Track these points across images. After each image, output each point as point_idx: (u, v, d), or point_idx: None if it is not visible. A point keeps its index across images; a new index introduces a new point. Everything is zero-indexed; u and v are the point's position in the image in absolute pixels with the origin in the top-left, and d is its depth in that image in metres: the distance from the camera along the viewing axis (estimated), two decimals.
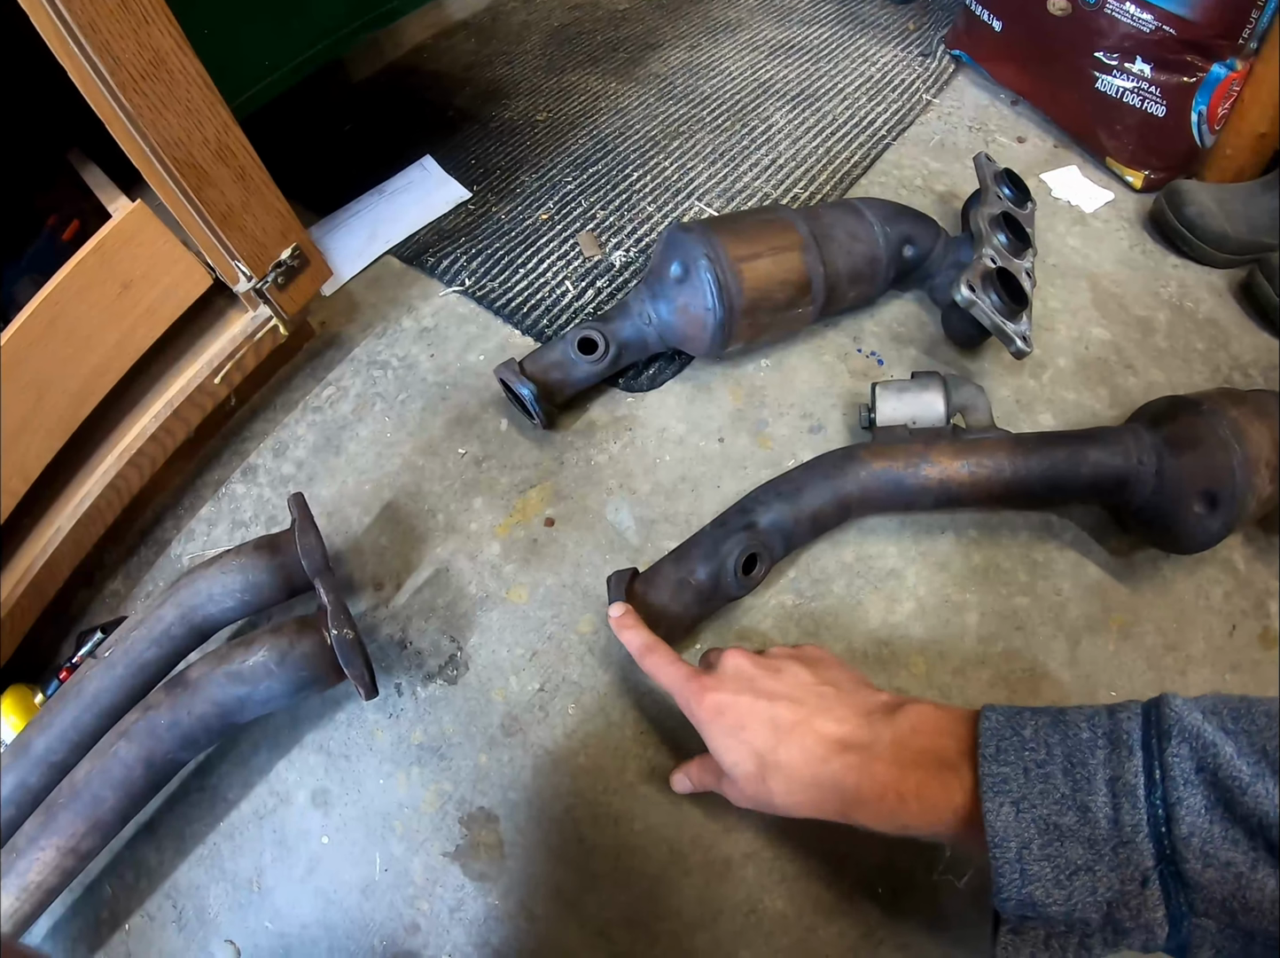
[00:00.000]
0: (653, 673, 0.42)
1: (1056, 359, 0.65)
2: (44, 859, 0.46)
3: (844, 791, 0.32)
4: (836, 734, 0.33)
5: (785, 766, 0.34)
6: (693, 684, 0.38)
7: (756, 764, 0.35)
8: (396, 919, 0.48)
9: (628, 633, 0.44)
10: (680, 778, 0.45)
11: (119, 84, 0.46)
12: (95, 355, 0.54)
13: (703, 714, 0.38)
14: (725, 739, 0.36)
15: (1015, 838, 0.27)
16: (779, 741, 0.34)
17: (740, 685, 0.37)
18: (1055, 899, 0.26)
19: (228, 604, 0.51)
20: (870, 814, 0.32)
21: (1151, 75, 0.71)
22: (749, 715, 0.36)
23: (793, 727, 0.34)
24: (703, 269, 0.54)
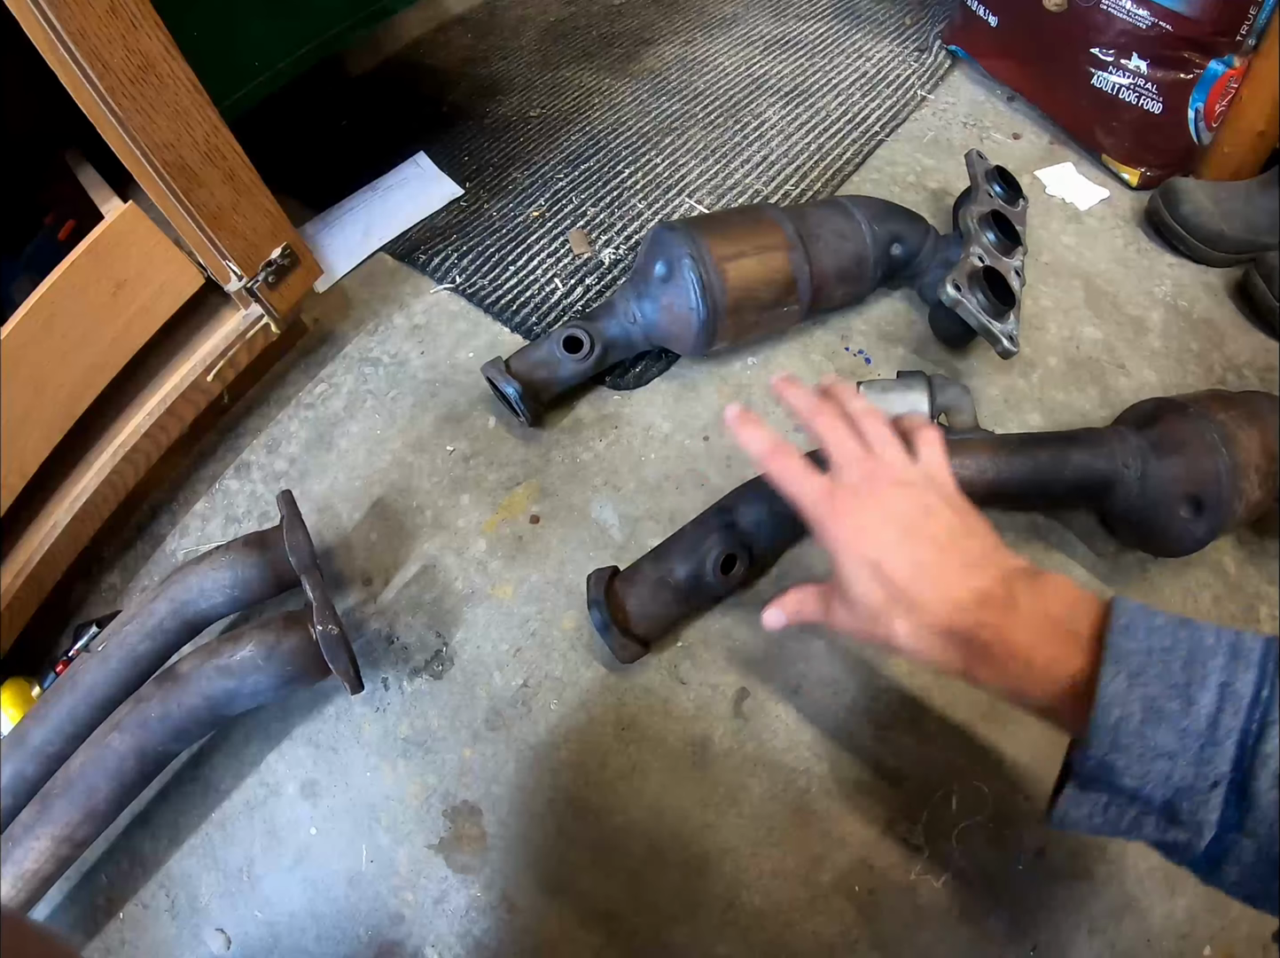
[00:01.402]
0: (781, 479, 0.37)
1: (1047, 358, 0.64)
2: (40, 848, 0.47)
3: (975, 645, 0.31)
4: (979, 587, 0.32)
5: (921, 608, 0.33)
6: (831, 502, 0.35)
7: (887, 599, 0.33)
8: (382, 910, 0.49)
9: (750, 431, 0.38)
10: (773, 612, 0.41)
11: (108, 88, 0.47)
12: (90, 353, 0.55)
13: (839, 535, 0.35)
14: (858, 568, 0.34)
15: (1119, 707, 0.28)
16: (919, 580, 0.33)
17: (885, 514, 0.34)
18: (1132, 773, 0.27)
19: (218, 599, 0.52)
20: (992, 673, 0.31)
21: (1148, 72, 0.71)
22: (891, 548, 0.33)
23: (937, 570, 0.33)
24: (687, 268, 0.54)
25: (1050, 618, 0.31)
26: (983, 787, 0.49)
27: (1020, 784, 0.49)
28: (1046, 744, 0.50)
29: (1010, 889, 0.47)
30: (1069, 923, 0.47)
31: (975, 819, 0.48)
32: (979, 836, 0.48)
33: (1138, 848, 0.48)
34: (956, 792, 0.49)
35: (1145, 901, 0.48)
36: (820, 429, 0.38)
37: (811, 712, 0.51)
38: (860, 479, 0.36)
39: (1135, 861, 0.48)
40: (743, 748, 0.50)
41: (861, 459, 0.36)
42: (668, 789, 0.49)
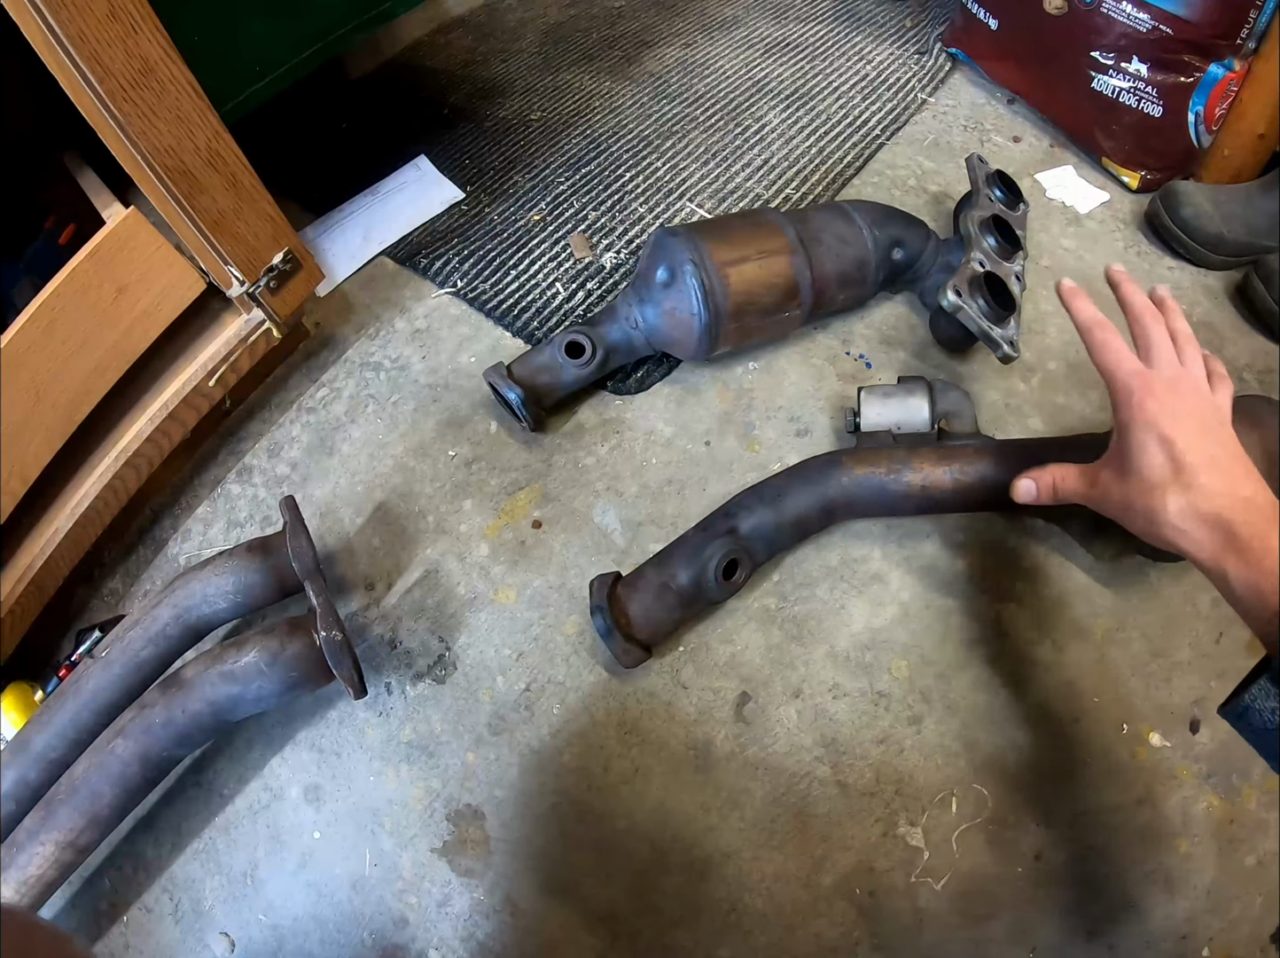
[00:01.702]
0: (1100, 350, 0.41)
1: (1047, 363, 0.65)
2: (43, 854, 0.47)
3: (1235, 538, 0.34)
4: (1251, 493, 0.35)
5: (1198, 489, 0.35)
6: (1144, 379, 0.39)
7: (1167, 477, 0.36)
8: (385, 913, 0.50)
9: (1079, 303, 0.43)
10: (1026, 484, 0.44)
11: (108, 93, 0.47)
12: (92, 358, 0.55)
13: (1141, 408, 0.38)
14: (1151, 441, 0.37)
15: None
16: (1204, 466, 0.36)
17: (1189, 407, 0.38)
18: None
19: (221, 605, 0.52)
20: (1241, 566, 0.34)
21: (1148, 75, 0.71)
22: (1188, 433, 0.37)
23: (1219, 468, 0.36)
24: (688, 274, 0.54)
25: None
26: (983, 790, 0.49)
27: (1019, 788, 0.49)
28: (1047, 749, 0.50)
29: (1010, 892, 0.48)
30: (1069, 926, 0.47)
31: (975, 822, 0.48)
32: (979, 838, 0.48)
33: (1137, 851, 0.48)
34: (957, 795, 0.49)
35: (1145, 903, 0.48)
36: (1147, 326, 0.41)
37: (812, 716, 0.51)
38: (1171, 374, 0.39)
39: (1135, 863, 0.48)
40: (744, 752, 0.50)
41: (1176, 364, 0.40)
42: (670, 793, 0.49)
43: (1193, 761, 0.51)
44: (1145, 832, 0.49)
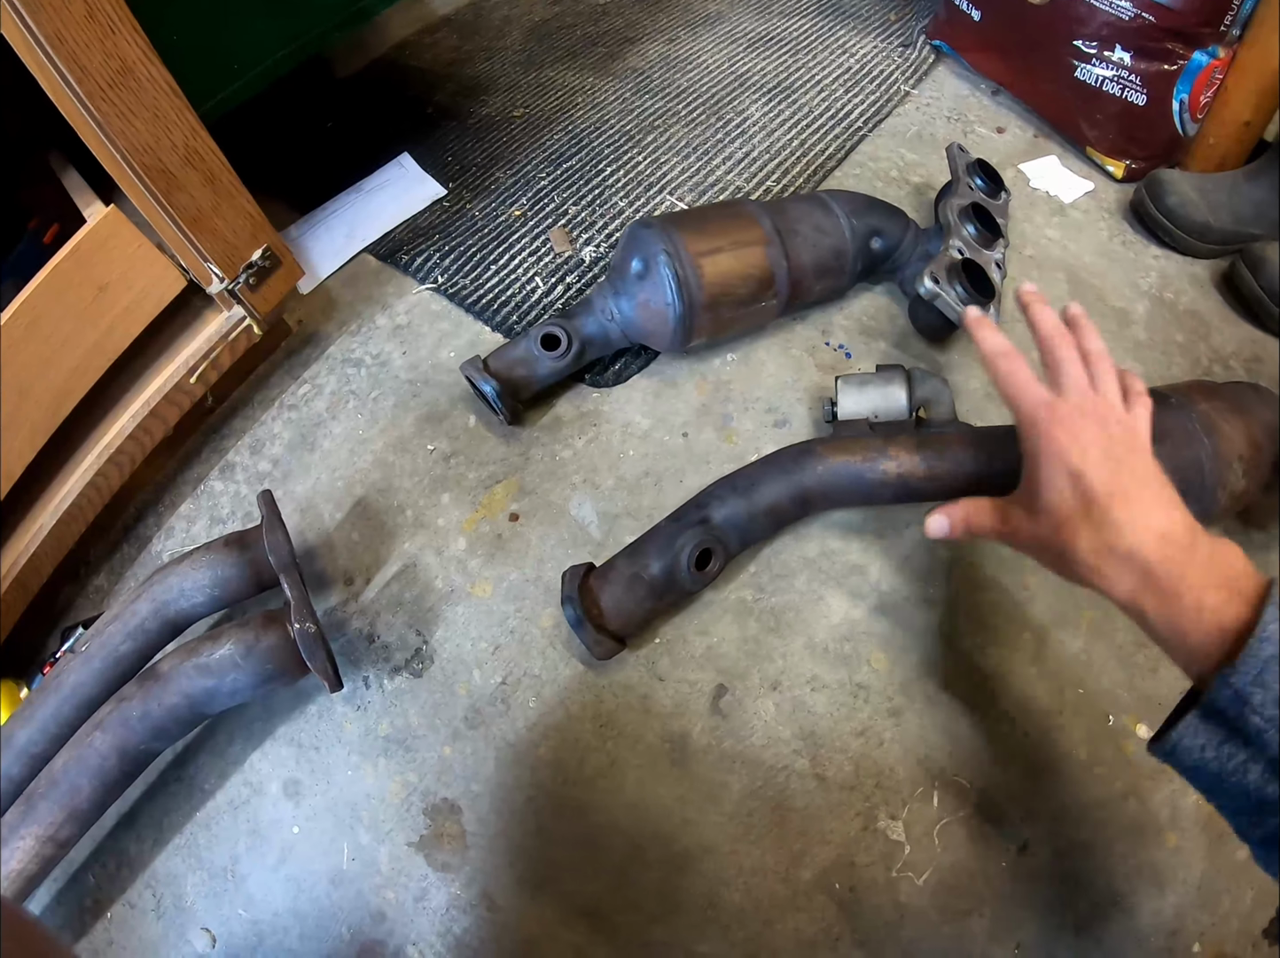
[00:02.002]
0: (1005, 381, 0.39)
1: (1030, 351, 0.63)
2: (24, 848, 0.48)
3: (1151, 576, 0.33)
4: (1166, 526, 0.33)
5: (1110, 526, 0.34)
6: (1050, 410, 0.37)
7: (1080, 509, 0.35)
8: (364, 908, 0.49)
9: (985, 332, 0.41)
10: (938, 520, 0.42)
11: (87, 93, 0.47)
12: (74, 356, 0.56)
13: (1048, 441, 0.36)
14: (1059, 475, 0.36)
15: (1273, 645, 0.29)
16: (1115, 500, 0.34)
17: (1098, 437, 0.36)
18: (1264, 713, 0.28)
19: (198, 599, 0.52)
20: (1159, 605, 0.32)
21: (1131, 63, 0.70)
22: (1096, 465, 0.35)
23: (1131, 500, 0.34)
24: (662, 264, 0.54)
25: (1223, 570, 0.32)
26: (965, 783, 0.49)
27: (1002, 781, 0.49)
28: (1031, 742, 0.49)
29: (993, 887, 0.47)
30: (1054, 921, 0.47)
31: (957, 816, 0.48)
32: (961, 832, 0.48)
33: (1124, 845, 0.48)
34: (938, 788, 0.48)
35: (1132, 898, 0.47)
36: (1055, 349, 0.40)
37: (790, 708, 0.50)
38: (1080, 402, 0.37)
39: (1122, 858, 0.48)
40: (721, 745, 0.50)
41: (1087, 389, 0.38)
42: (647, 786, 0.49)
43: None
44: (1132, 826, 0.48)
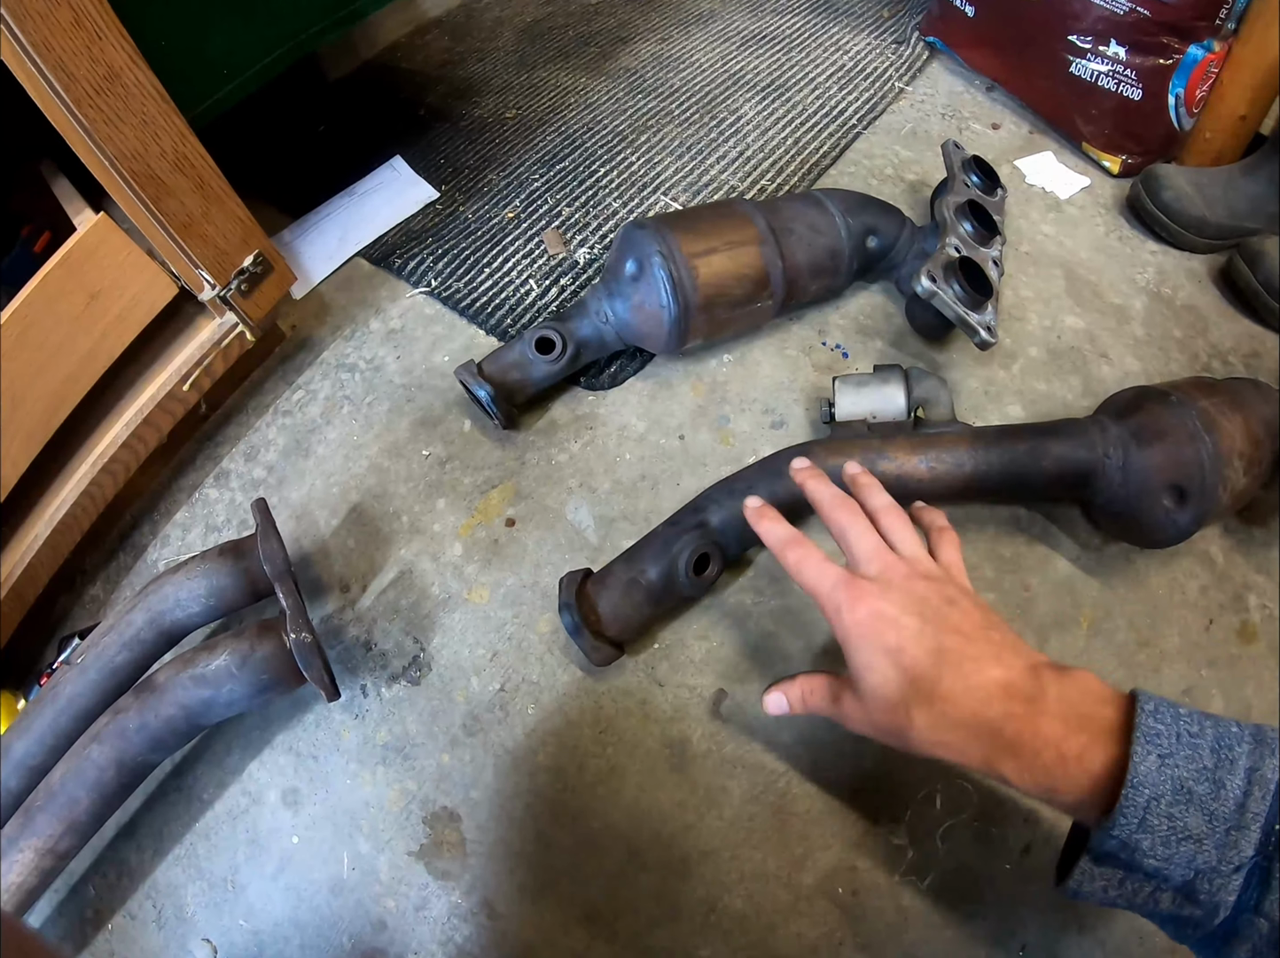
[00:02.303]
0: (797, 570, 0.37)
1: (1028, 349, 0.64)
2: (23, 861, 0.47)
3: (1001, 738, 0.31)
4: (1005, 678, 0.31)
5: (943, 698, 0.32)
6: (850, 589, 0.35)
7: (905, 691, 0.32)
8: (364, 917, 0.49)
9: (766, 524, 0.39)
10: (776, 698, 0.40)
11: (74, 100, 0.47)
12: (66, 365, 0.55)
13: (855, 623, 0.34)
14: (875, 656, 0.33)
15: (1150, 787, 0.27)
16: (942, 672, 0.32)
17: (907, 603, 0.34)
18: (1157, 854, 0.27)
19: (194, 609, 0.52)
20: (1019, 768, 0.31)
21: (1127, 58, 0.70)
22: (911, 635, 0.33)
23: (960, 661, 0.32)
24: (656, 266, 0.53)
25: (1077, 709, 0.30)
26: (967, 785, 0.48)
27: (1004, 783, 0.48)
28: None
29: (997, 889, 0.47)
30: (1058, 922, 0.47)
31: (960, 818, 0.48)
32: (964, 835, 0.47)
33: None
34: (940, 791, 0.48)
35: None
36: (840, 522, 0.38)
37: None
38: (881, 570, 0.35)
39: None
40: (721, 749, 0.49)
41: (883, 552, 0.36)
42: (646, 792, 0.49)
43: None
44: None
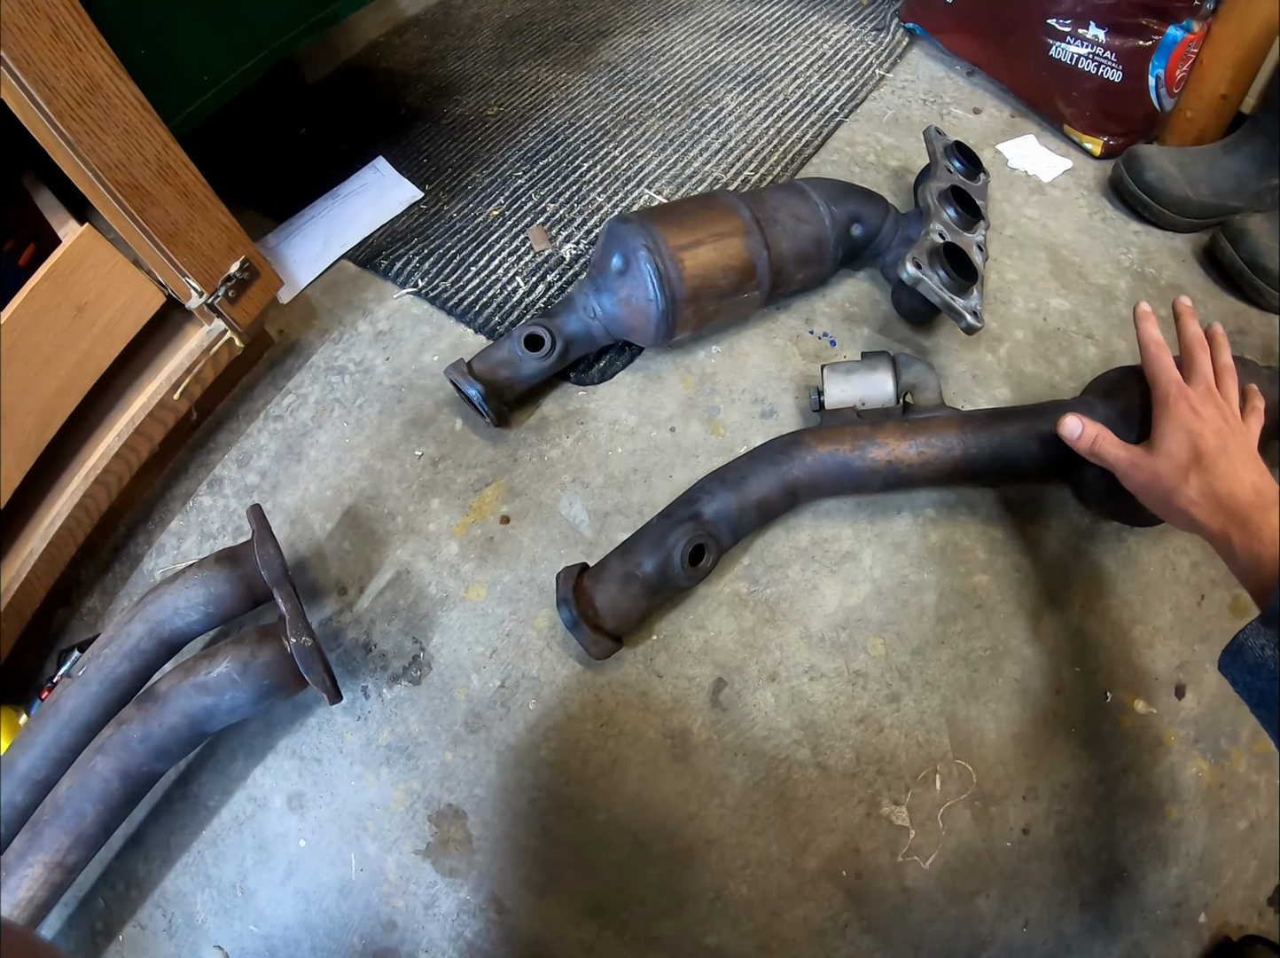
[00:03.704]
0: (1150, 363, 0.47)
1: (1014, 332, 0.64)
2: (33, 875, 0.47)
3: (1242, 513, 0.40)
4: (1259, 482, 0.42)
5: (1215, 473, 0.42)
6: (1183, 390, 0.45)
7: (1191, 458, 0.43)
8: (374, 918, 0.50)
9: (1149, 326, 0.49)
10: (1074, 422, 0.48)
11: (56, 112, 0.47)
12: (56, 377, 0.55)
13: (1178, 409, 0.45)
14: (1180, 431, 0.44)
15: None
16: (1219, 459, 0.43)
17: (1214, 415, 0.45)
18: None
19: (193, 617, 0.52)
20: (1244, 538, 0.39)
21: (1106, 40, 0.70)
22: (1210, 431, 0.44)
23: (1234, 458, 0.43)
24: (642, 260, 0.53)
25: None
26: (966, 766, 0.49)
27: (1003, 762, 0.49)
28: (1030, 722, 0.50)
29: (999, 867, 0.47)
30: (1060, 898, 0.47)
31: (960, 799, 0.48)
32: (964, 815, 0.48)
33: (1126, 820, 0.48)
34: (940, 772, 0.49)
35: (1136, 872, 0.48)
36: (1194, 354, 0.47)
37: (789, 698, 0.51)
38: (1204, 396, 0.46)
39: (1124, 833, 0.48)
40: (722, 738, 0.50)
41: (1212, 385, 0.46)
42: (649, 783, 0.49)
43: (1179, 726, 0.50)
44: (1134, 800, 0.49)
